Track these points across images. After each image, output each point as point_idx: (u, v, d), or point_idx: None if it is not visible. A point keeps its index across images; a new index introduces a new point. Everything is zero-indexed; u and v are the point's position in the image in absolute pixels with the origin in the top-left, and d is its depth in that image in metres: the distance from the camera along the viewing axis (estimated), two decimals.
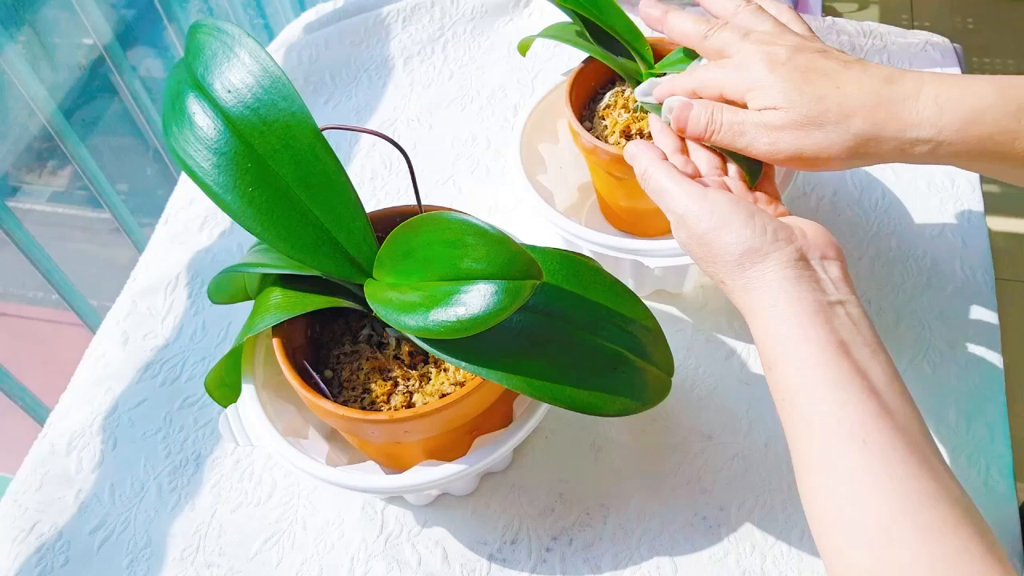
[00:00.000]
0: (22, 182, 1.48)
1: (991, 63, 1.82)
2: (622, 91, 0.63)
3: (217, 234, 0.75)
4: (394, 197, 0.76)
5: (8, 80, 0.95)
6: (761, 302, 0.42)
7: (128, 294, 0.71)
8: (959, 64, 0.78)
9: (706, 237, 0.44)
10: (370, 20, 0.89)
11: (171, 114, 0.45)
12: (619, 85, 0.64)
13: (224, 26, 0.46)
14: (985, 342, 0.61)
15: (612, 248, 0.58)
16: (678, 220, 0.46)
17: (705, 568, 0.53)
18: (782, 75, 0.46)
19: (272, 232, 0.45)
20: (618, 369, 0.46)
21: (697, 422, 0.59)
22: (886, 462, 0.37)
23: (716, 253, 0.44)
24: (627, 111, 0.62)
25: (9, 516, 0.59)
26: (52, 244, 1.02)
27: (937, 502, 0.36)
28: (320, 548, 0.56)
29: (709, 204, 0.44)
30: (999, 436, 0.56)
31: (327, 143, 0.46)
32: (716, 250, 0.44)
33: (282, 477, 0.59)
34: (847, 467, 0.38)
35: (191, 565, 0.56)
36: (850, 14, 1.92)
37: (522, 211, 0.72)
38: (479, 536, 0.55)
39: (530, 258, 0.41)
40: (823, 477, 0.38)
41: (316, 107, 0.84)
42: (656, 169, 0.47)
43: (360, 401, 0.50)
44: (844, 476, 0.38)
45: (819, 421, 0.39)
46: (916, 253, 0.66)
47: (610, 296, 0.49)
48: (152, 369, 0.66)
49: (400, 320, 0.42)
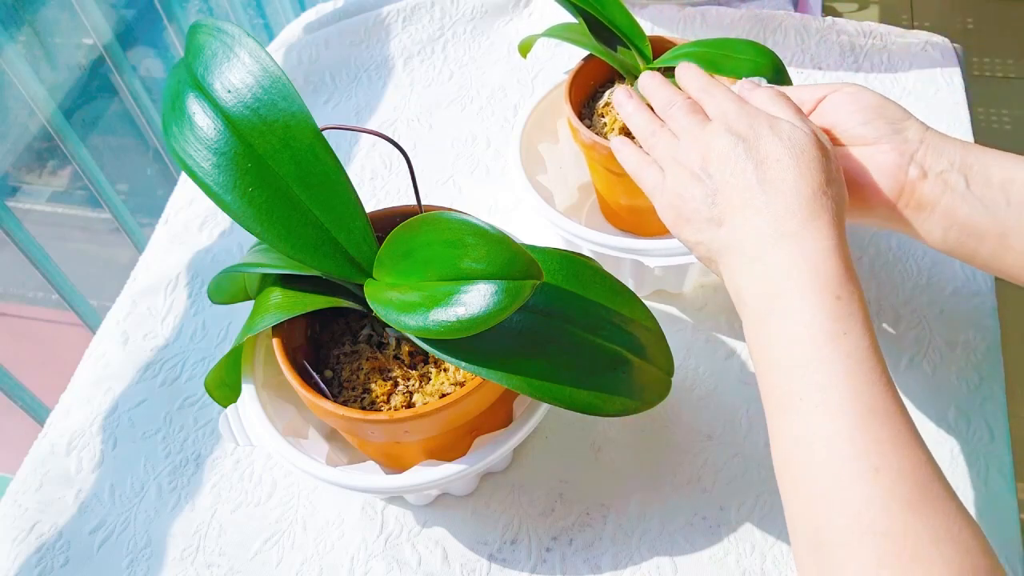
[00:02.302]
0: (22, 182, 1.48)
1: (991, 63, 1.82)
2: None
3: (217, 234, 0.75)
4: (394, 197, 0.76)
5: (8, 80, 0.95)
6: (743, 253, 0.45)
7: (128, 294, 0.71)
8: (959, 64, 0.78)
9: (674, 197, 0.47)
10: (370, 20, 0.89)
11: (171, 114, 0.45)
12: (619, 83, 0.64)
13: (224, 26, 0.46)
14: (985, 342, 0.61)
15: (612, 248, 0.58)
16: (651, 192, 0.49)
17: (705, 568, 0.53)
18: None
19: (272, 232, 0.45)
20: (618, 369, 0.46)
21: (697, 422, 0.59)
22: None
23: (689, 208, 0.47)
24: None
25: (9, 516, 0.59)
26: (52, 244, 1.02)
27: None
28: (320, 548, 0.56)
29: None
30: (999, 436, 0.56)
31: (327, 143, 0.46)
32: (688, 206, 0.47)
33: (282, 477, 0.59)
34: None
35: (191, 565, 0.56)
36: (850, 14, 1.92)
37: (522, 211, 0.72)
38: (479, 536, 0.55)
39: (530, 258, 0.41)
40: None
41: (316, 107, 0.84)
42: (628, 151, 0.52)
43: (360, 401, 0.50)
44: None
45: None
46: (916, 253, 0.66)
47: (610, 296, 0.49)
48: (152, 369, 0.66)
49: (400, 320, 0.42)
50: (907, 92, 0.77)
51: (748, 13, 0.83)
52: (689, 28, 0.84)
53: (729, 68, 0.56)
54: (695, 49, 0.58)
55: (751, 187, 0.44)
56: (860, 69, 0.79)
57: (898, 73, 0.78)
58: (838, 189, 0.45)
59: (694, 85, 0.51)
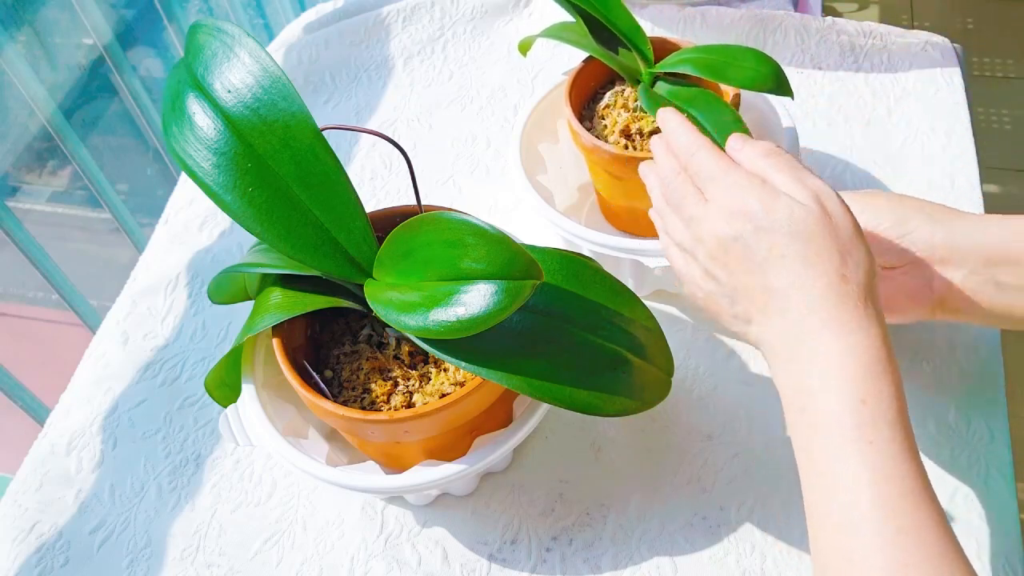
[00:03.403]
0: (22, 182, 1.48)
1: (991, 63, 1.82)
2: (621, 91, 0.63)
3: (217, 234, 0.75)
4: (394, 197, 0.76)
5: (8, 80, 0.95)
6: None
7: (128, 294, 0.71)
8: (959, 64, 0.78)
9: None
10: (370, 20, 0.89)
11: (171, 114, 0.45)
12: (619, 85, 0.64)
13: (224, 26, 0.46)
14: (985, 342, 0.61)
15: (612, 248, 0.58)
16: (679, 275, 0.49)
17: (705, 568, 0.53)
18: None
19: (272, 232, 0.45)
20: (618, 369, 0.46)
21: (697, 422, 0.59)
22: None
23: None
24: (627, 110, 0.62)
25: (9, 516, 0.59)
26: (52, 244, 1.02)
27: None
28: (320, 548, 0.56)
29: None
30: (999, 436, 0.56)
31: (327, 143, 0.46)
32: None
33: (282, 477, 0.59)
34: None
35: (191, 565, 0.56)
36: (850, 14, 1.92)
37: (522, 211, 0.72)
38: (479, 536, 0.55)
39: (530, 258, 0.41)
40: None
41: (316, 107, 0.84)
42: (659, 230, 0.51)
43: (360, 401, 0.50)
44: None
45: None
46: None
47: (610, 296, 0.49)
48: (152, 369, 0.66)
49: (400, 320, 0.42)
50: (907, 92, 0.77)
51: (748, 13, 0.83)
52: (689, 28, 0.84)
53: (731, 76, 0.55)
54: (697, 55, 0.58)
55: (765, 289, 0.43)
56: (860, 69, 0.79)
57: (898, 73, 0.78)
58: (858, 261, 0.42)
59: (679, 144, 0.48)
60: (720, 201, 0.44)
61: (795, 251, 0.42)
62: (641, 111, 0.61)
